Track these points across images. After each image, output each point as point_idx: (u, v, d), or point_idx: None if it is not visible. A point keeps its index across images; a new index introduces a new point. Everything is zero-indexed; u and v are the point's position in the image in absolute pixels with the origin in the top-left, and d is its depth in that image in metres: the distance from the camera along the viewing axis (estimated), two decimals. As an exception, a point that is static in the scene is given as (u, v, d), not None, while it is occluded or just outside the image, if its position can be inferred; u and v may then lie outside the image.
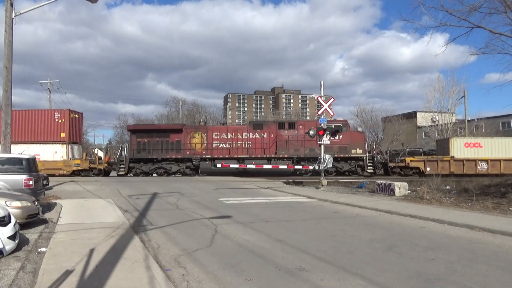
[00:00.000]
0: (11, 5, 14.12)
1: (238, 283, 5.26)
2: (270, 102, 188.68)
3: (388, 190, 16.71)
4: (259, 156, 28.99)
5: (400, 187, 16.36)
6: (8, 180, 10.88)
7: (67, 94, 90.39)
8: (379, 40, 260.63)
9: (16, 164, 11.41)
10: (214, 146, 29.57)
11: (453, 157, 30.37)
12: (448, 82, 43.95)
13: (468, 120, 42.95)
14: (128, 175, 29.43)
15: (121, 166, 29.94)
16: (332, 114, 23.46)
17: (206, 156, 29.30)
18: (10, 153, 13.97)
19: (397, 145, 52.71)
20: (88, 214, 10.94)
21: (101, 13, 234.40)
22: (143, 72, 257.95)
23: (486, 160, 29.86)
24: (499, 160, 29.87)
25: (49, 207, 11.95)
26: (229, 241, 7.83)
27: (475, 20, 14.18)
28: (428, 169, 29.73)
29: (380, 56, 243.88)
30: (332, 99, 22.59)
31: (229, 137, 29.64)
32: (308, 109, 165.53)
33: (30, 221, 8.70)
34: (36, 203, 9.17)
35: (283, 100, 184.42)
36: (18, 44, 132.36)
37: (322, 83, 21.46)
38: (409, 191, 16.41)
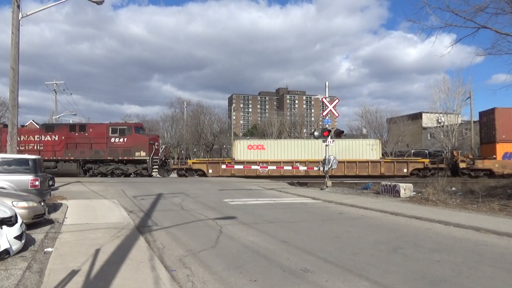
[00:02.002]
0: (18, 6, 14.24)
1: (243, 284, 5.27)
2: (275, 103, 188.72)
3: (393, 192, 16.66)
4: (46, 158, 29.15)
5: (405, 188, 16.31)
6: (15, 180, 10.96)
7: (73, 95, 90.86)
8: (386, 41, 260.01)
9: (22, 165, 11.48)
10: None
11: (234, 159, 30.95)
12: (454, 83, 43.58)
13: (474, 121, 42.66)
14: None
15: None
16: (337, 115, 23.46)
17: None
18: (16, 153, 14.10)
19: (402, 146, 52.54)
20: (94, 215, 10.99)
21: (107, 14, 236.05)
22: (149, 73, 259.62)
23: (267, 162, 30.44)
24: (280, 162, 30.56)
25: (55, 207, 12.03)
26: (234, 242, 7.84)
27: (481, 20, 14.10)
28: (210, 171, 30.18)
29: (386, 57, 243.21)
30: (336, 100, 22.58)
31: (22, 139, 29.60)
32: (312, 110, 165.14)
33: (36, 221, 8.76)
34: (42, 203, 9.24)
35: (288, 101, 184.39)
36: (24, 45, 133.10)
37: (326, 84, 21.43)
38: (414, 193, 16.35)
